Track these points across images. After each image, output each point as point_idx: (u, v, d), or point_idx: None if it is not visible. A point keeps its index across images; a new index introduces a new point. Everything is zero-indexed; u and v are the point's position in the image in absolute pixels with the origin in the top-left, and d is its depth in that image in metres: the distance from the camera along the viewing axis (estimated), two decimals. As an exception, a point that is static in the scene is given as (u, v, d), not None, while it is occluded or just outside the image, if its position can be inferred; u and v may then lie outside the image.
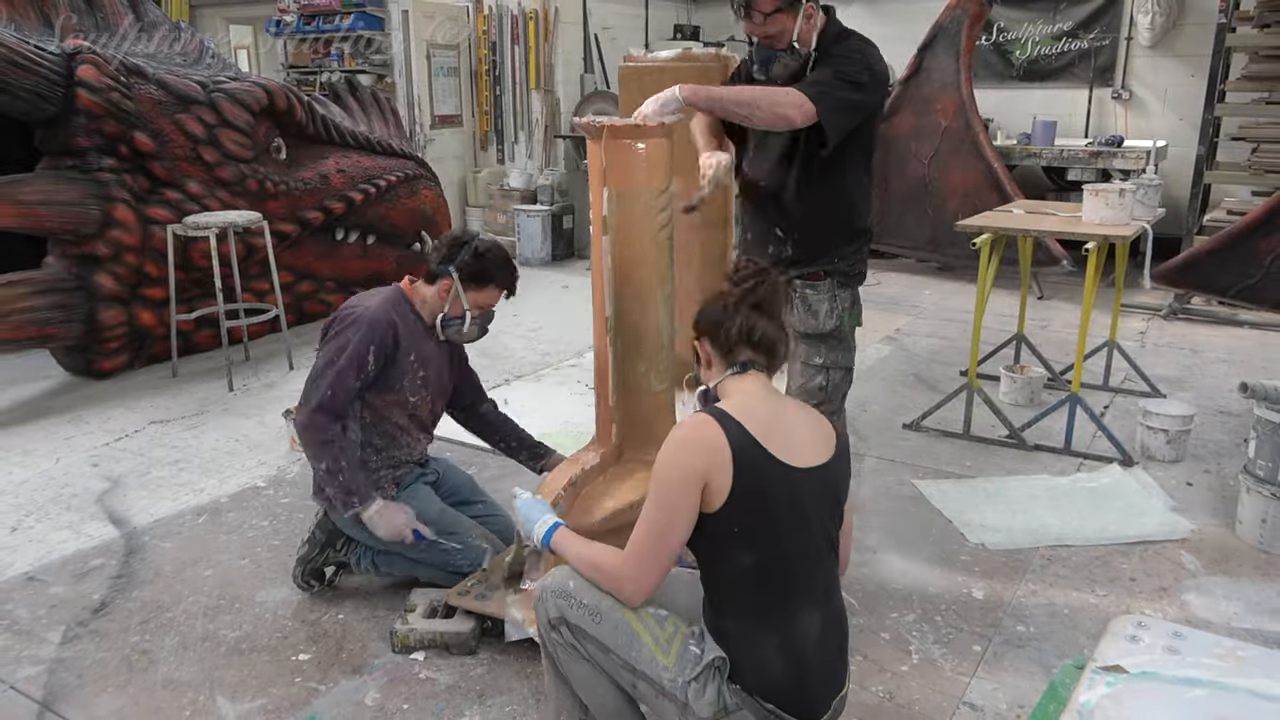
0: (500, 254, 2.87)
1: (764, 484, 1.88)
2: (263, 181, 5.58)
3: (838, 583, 2.04)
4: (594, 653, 2.00)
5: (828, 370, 2.91)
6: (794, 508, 1.91)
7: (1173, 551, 3.25)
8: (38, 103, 4.70)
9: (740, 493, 1.86)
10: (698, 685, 1.90)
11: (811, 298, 2.88)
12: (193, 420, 4.58)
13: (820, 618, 1.93)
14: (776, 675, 1.89)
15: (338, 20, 8.76)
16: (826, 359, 2.91)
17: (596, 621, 1.99)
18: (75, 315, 4.91)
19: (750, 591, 1.92)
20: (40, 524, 3.54)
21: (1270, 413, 3.19)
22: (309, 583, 3.00)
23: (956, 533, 3.38)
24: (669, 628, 1.97)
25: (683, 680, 1.90)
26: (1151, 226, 4.07)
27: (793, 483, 1.90)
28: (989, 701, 2.48)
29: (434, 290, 2.85)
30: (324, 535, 2.98)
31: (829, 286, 2.88)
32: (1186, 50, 7.86)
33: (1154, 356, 5.43)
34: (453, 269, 2.79)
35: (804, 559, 1.93)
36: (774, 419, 1.95)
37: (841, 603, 2.04)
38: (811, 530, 1.94)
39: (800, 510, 1.92)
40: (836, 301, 2.88)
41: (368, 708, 2.48)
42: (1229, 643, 1.98)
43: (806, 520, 1.93)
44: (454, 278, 2.79)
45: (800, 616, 1.91)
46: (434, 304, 2.86)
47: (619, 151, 2.51)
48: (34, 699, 2.53)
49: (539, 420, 4.47)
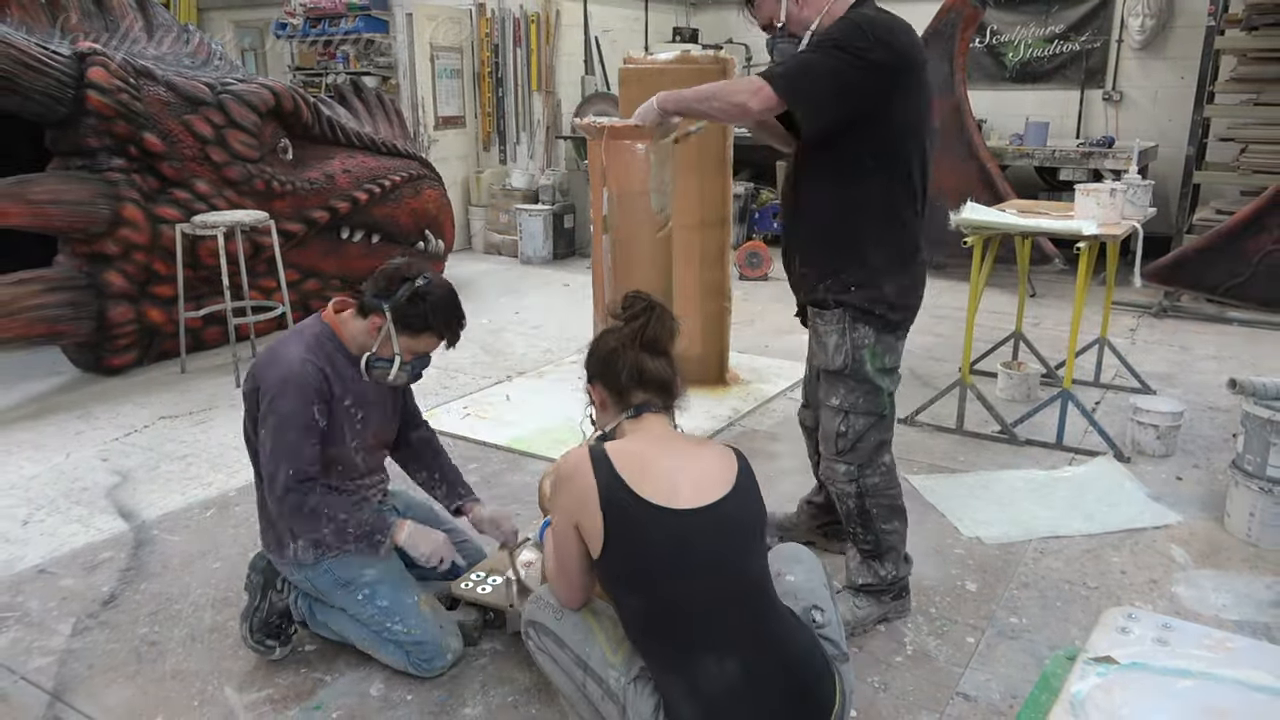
0: (444, 298, 2.46)
1: (635, 528, 1.79)
2: (269, 181, 5.57)
3: (786, 644, 1.87)
4: (552, 649, 1.98)
5: (846, 415, 2.59)
6: (676, 552, 1.79)
7: (1163, 545, 3.25)
8: (49, 104, 4.70)
9: (613, 537, 1.80)
10: (635, 688, 1.85)
11: (820, 328, 2.59)
12: (201, 416, 4.58)
13: (738, 665, 1.78)
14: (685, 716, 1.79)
15: (343, 23, 8.74)
16: (844, 401, 2.59)
17: (558, 619, 1.99)
18: (85, 312, 4.90)
19: (644, 636, 1.86)
20: (51, 518, 3.53)
21: (1258, 408, 3.18)
22: (264, 644, 2.58)
23: (950, 526, 3.38)
24: (621, 630, 1.94)
25: (626, 680, 1.87)
26: (1142, 226, 4.06)
27: (670, 527, 1.79)
28: (982, 692, 2.48)
29: (364, 325, 2.47)
30: (260, 578, 2.62)
31: (838, 318, 2.54)
32: (1176, 53, 7.85)
33: (1144, 353, 5.42)
34: (386, 307, 2.41)
35: (703, 600, 1.80)
36: (658, 460, 1.85)
37: (795, 643, 1.88)
38: (710, 572, 1.81)
39: (686, 554, 1.80)
40: (846, 337, 2.54)
41: (372, 698, 2.48)
42: (1218, 634, 1.98)
43: (702, 563, 1.81)
44: (386, 317, 2.42)
45: (705, 660, 1.78)
46: (363, 341, 2.48)
47: (619, 152, 2.50)
48: (45, 689, 2.52)
49: (540, 416, 4.48)
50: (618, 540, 1.80)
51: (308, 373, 2.41)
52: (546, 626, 2.00)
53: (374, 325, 2.45)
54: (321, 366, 2.45)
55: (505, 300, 6.95)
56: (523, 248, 8.35)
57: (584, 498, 1.81)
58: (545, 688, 2.48)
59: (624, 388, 1.95)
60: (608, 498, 1.79)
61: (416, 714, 2.41)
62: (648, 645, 1.86)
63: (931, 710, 2.40)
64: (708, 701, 1.78)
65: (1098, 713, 1.70)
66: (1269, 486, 3.18)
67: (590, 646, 1.94)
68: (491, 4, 8.57)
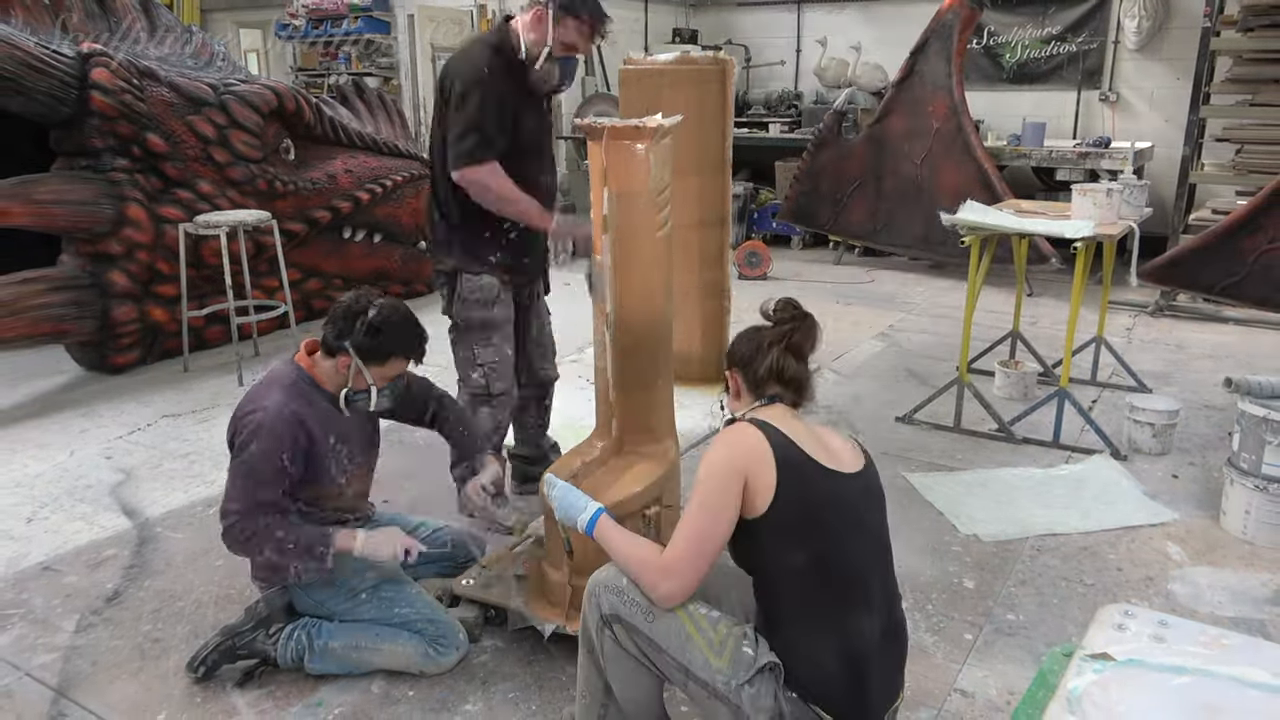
0: (398, 322, 2.49)
1: (808, 483, 1.88)
2: (272, 181, 5.57)
3: (898, 595, 2.03)
4: (646, 650, 1.94)
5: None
6: (843, 508, 1.91)
7: (1159, 542, 3.25)
8: (53, 104, 4.70)
9: (785, 490, 1.85)
10: (752, 689, 1.85)
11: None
12: (204, 414, 4.57)
13: (879, 625, 1.91)
14: (833, 678, 1.85)
15: (345, 24, 8.74)
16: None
17: (650, 620, 1.93)
18: (89, 311, 4.90)
19: (805, 592, 1.88)
20: (55, 515, 3.53)
21: (1254, 407, 3.18)
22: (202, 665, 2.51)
23: (948, 524, 3.38)
24: (721, 630, 1.91)
25: (736, 683, 1.85)
26: (1138, 225, 4.06)
27: (838, 485, 1.91)
28: (980, 688, 2.48)
29: (333, 365, 2.50)
30: (267, 610, 2.57)
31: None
32: (1172, 54, 7.84)
33: (1141, 352, 5.42)
34: (348, 345, 2.44)
35: (860, 560, 1.91)
36: (807, 434, 1.97)
37: (903, 615, 2.03)
38: (865, 534, 1.94)
39: (851, 512, 1.92)
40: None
41: (374, 694, 2.47)
42: (1214, 631, 1.97)
43: (859, 523, 1.93)
44: (351, 355, 2.46)
45: (858, 619, 1.88)
46: (336, 380, 2.52)
47: (619, 152, 2.49)
48: (49, 686, 2.52)
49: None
50: (789, 493, 1.85)
51: (283, 420, 2.42)
52: (637, 628, 1.94)
53: (342, 364, 2.49)
54: (299, 412, 2.45)
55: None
56: (523, 247, 8.33)
57: (757, 453, 1.87)
58: (546, 684, 2.48)
59: (762, 380, 2.04)
60: (782, 454, 1.87)
61: (418, 711, 2.41)
62: (809, 601, 1.89)
63: (929, 706, 2.40)
64: (858, 660, 1.86)
65: (1094, 709, 1.70)
66: (1264, 484, 3.18)
67: (691, 652, 1.90)
68: (492, 5, 8.56)
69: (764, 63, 9.70)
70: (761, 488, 1.85)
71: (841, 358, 5.39)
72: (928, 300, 6.81)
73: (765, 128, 8.96)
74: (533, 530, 2.94)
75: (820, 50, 8.74)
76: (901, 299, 6.86)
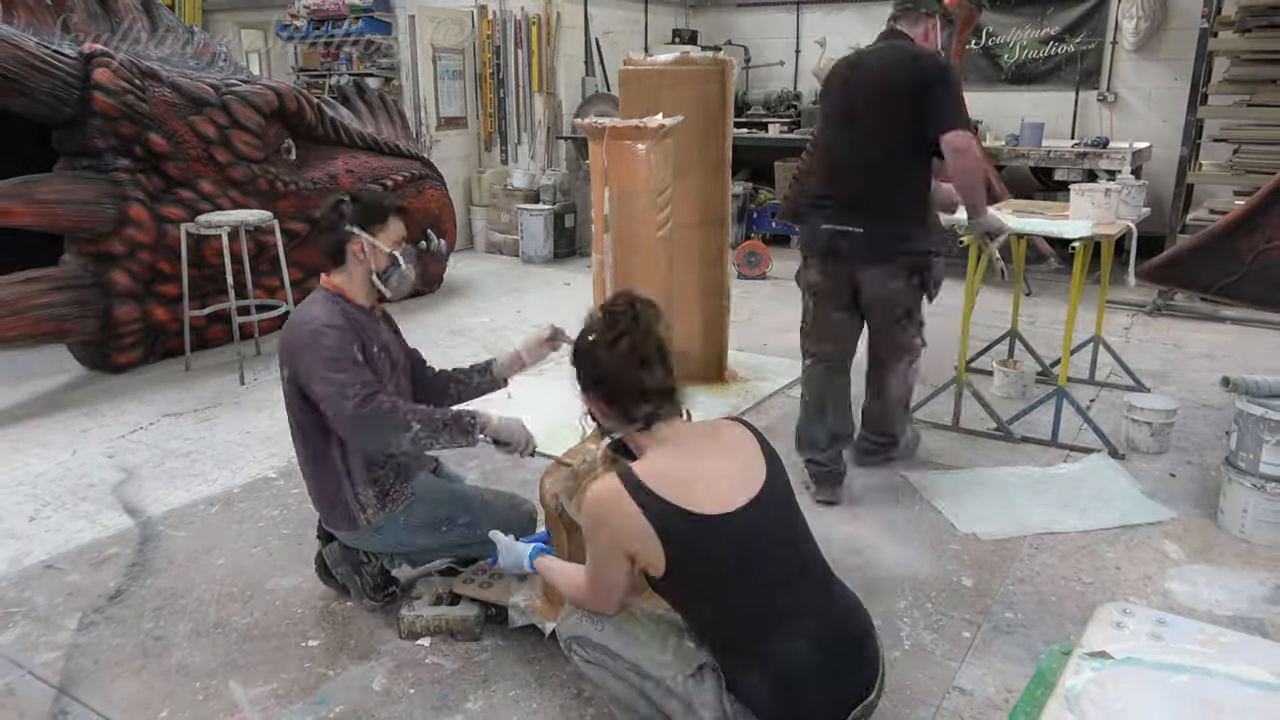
0: (371, 194, 2.64)
1: (699, 547, 1.79)
2: (273, 181, 5.57)
3: (830, 593, 1.94)
4: (604, 660, 1.96)
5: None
6: (742, 553, 1.80)
7: (1157, 541, 3.25)
8: (55, 105, 4.69)
9: (677, 562, 1.79)
10: (697, 684, 1.86)
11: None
12: (205, 413, 4.57)
13: (808, 641, 1.83)
14: (765, 704, 1.82)
15: (346, 24, 8.73)
16: None
17: (600, 630, 1.96)
18: (91, 311, 4.90)
19: (720, 636, 1.86)
20: (57, 514, 3.53)
21: (1251, 406, 3.18)
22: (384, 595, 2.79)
23: (946, 522, 3.38)
24: (664, 627, 1.95)
25: (683, 676, 1.87)
26: (1136, 225, 4.06)
27: (731, 532, 1.79)
28: (978, 686, 2.47)
29: (349, 261, 2.58)
30: (347, 565, 2.77)
31: None
32: (1170, 54, 7.83)
33: (1138, 351, 5.42)
34: (348, 226, 2.53)
35: (771, 589, 1.83)
36: (692, 470, 1.83)
37: (847, 612, 1.94)
38: (771, 560, 1.85)
39: (750, 552, 1.81)
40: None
41: (375, 692, 2.47)
42: (1211, 629, 1.97)
43: (761, 553, 1.83)
44: (358, 233, 2.54)
45: (783, 643, 1.82)
46: (360, 275, 2.59)
47: (620, 152, 2.50)
48: (51, 684, 2.52)
49: (542, 414, 4.46)
50: (682, 561, 1.78)
51: (335, 321, 2.50)
52: (591, 640, 1.97)
53: (355, 249, 2.55)
54: (342, 320, 2.52)
55: (507, 299, 6.95)
56: (524, 247, 8.34)
57: (634, 529, 1.77)
58: (546, 682, 2.48)
59: (625, 403, 1.90)
60: (661, 524, 1.76)
61: (419, 708, 2.41)
62: (725, 648, 1.86)
63: (928, 704, 2.40)
64: (791, 681, 1.81)
65: (1092, 707, 1.70)
66: (1262, 483, 3.18)
67: (638, 650, 1.92)
68: (493, 6, 8.56)
69: (763, 63, 9.69)
70: (652, 558, 1.80)
71: (840, 357, 5.38)
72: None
73: (764, 128, 8.95)
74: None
75: (819, 51, 8.73)
76: (900, 298, 6.85)
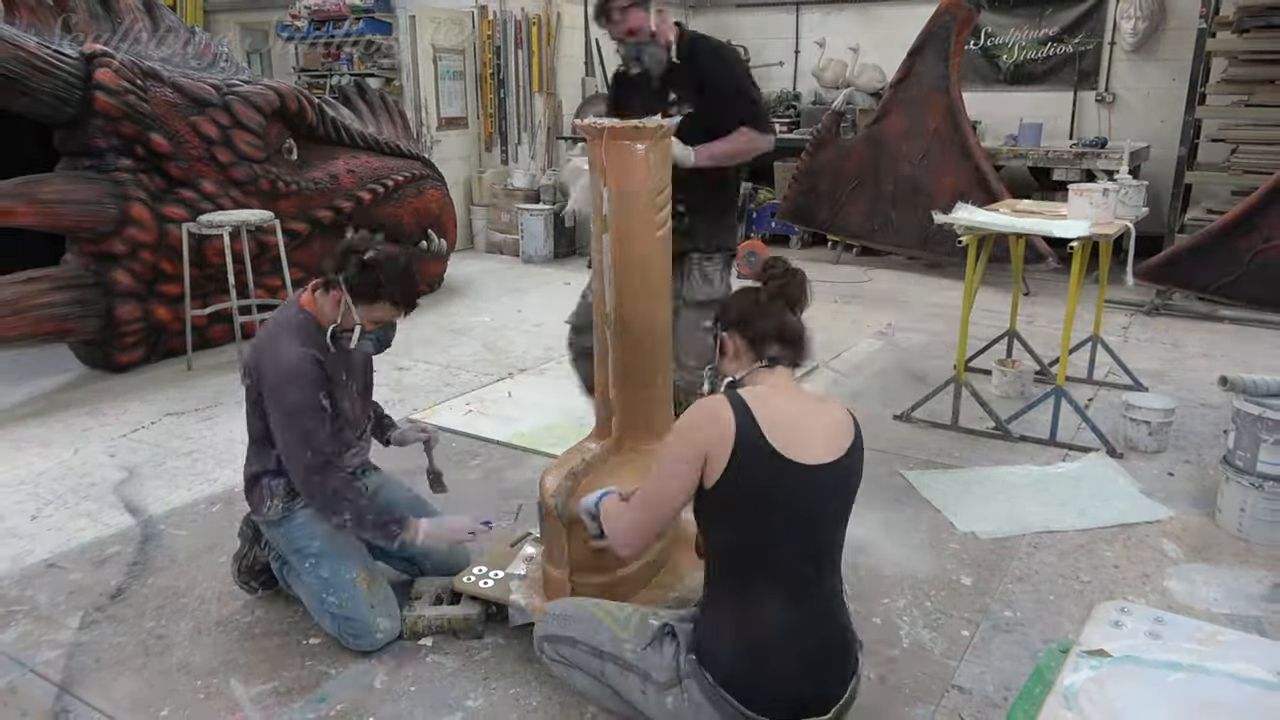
0: (396, 266, 2.51)
1: (756, 471, 1.87)
2: (275, 181, 5.56)
3: (835, 600, 1.98)
4: (567, 653, 2.04)
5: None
6: (786, 501, 1.89)
7: (1155, 539, 3.24)
8: (57, 105, 4.69)
9: (733, 472, 1.86)
10: (654, 648, 1.94)
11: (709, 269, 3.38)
12: (207, 412, 4.57)
13: (793, 620, 1.88)
14: (725, 658, 1.89)
15: (347, 25, 8.72)
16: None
17: (564, 625, 2.06)
18: (93, 311, 4.90)
19: (723, 570, 1.95)
20: (59, 513, 3.53)
21: (1249, 405, 3.18)
22: (248, 584, 2.86)
23: (945, 521, 3.37)
24: (628, 610, 2.04)
25: (639, 647, 1.95)
26: (1134, 225, 4.06)
27: (791, 478, 1.88)
28: (977, 684, 2.47)
29: (329, 300, 2.55)
30: (251, 529, 2.84)
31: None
32: (1168, 54, 7.83)
33: (1136, 351, 5.42)
34: (341, 280, 2.49)
35: (783, 551, 1.90)
36: (789, 413, 1.94)
37: (839, 623, 1.97)
38: (808, 529, 1.92)
39: (793, 505, 1.89)
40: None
41: (376, 690, 2.47)
42: (1209, 628, 1.98)
43: (805, 517, 1.91)
44: (342, 290, 2.50)
45: (763, 607, 1.88)
46: (330, 315, 2.56)
47: (619, 152, 2.49)
48: (53, 682, 2.52)
49: (543, 412, 4.48)
50: (735, 475, 1.87)
51: (307, 363, 2.49)
52: (557, 635, 2.05)
53: (334, 299, 2.54)
54: (317, 356, 2.52)
55: (507, 299, 6.94)
56: (524, 247, 8.34)
57: (720, 434, 1.87)
58: (547, 680, 2.48)
59: (762, 340, 2.01)
60: (742, 439, 1.86)
61: (420, 706, 2.41)
62: (725, 577, 1.95)
63: (927, 702, 2.40)
64: (759, 641, 1.87)
65: (1091, 705, 1.70)
66: (1259, 482, 3.18)
67: (599, 632, 2.00)
68: (493, 6, 8.56)
69: (763, 64, 9.69)
70: (716, 464, 1.88)
71: (840, 356, 5.39)
72: (925, 299, 6.81)
73: (764, 128, 8.96)
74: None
75: (819, 51, 8.74)
76: (899, 298, 6.86)
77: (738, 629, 1.90)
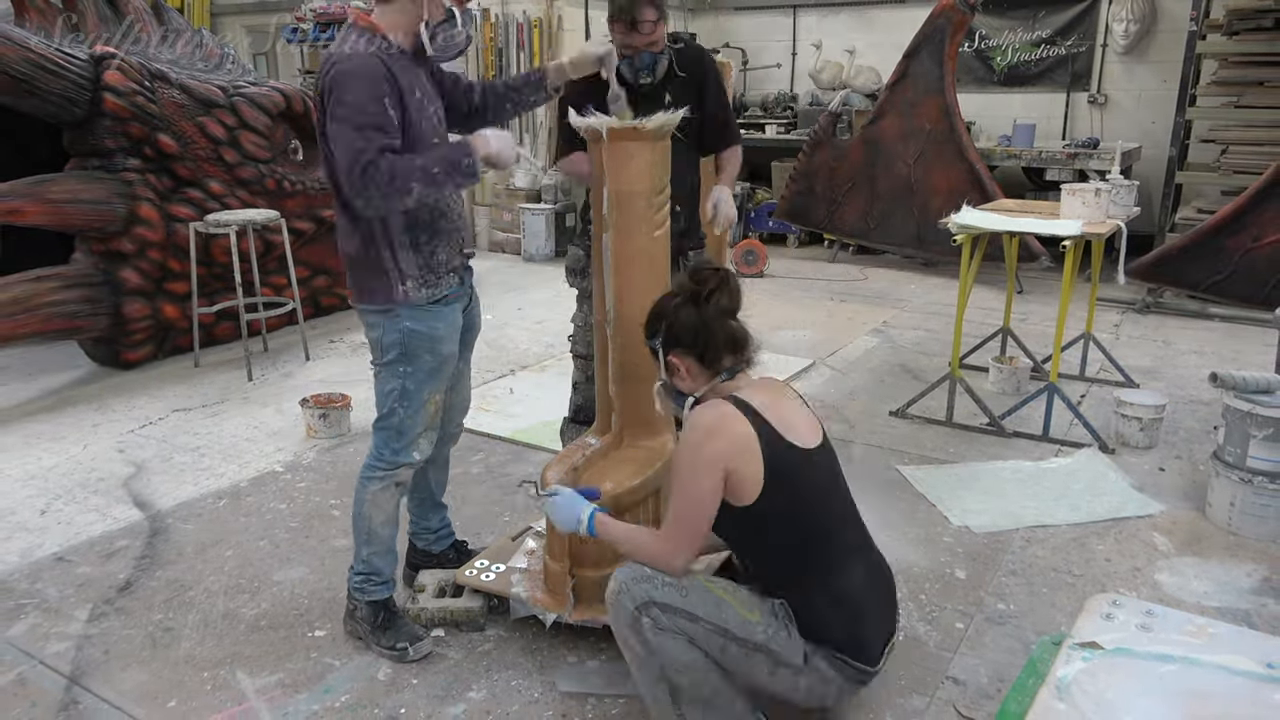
0: None
1: (792, 472, 1.92)
2: (280, 181, 5.56)
3: (870, 540, 2.13)
4: (684, 625, 1.93)
5: None
6: (819, 485, 1.99)
7: (1146, 533, 3.24)
8: (66, 106, 4.68)
9: (773, 484, 1.88)
10: (785, 634, 1.94)
11: None
12: (214, 409, 4.57)
13: (862, 568, 2.02)
14: (837, 630, 1.96)
15: (351, 27, 8.71)
16: None
17: (684, 595, 1.95)
18: (102, 308, 4.89)
19: (799, 561, 1.98)
20: (68, 507, 3.53)
21: (1239, 401, 3.17)
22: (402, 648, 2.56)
23: (939, 515, 3.37)
24: (743, 593, 1.99)
25: (773, 631, 1.94)
26: (1126, 224, 4.05)
27: (812, 464, 1.97)
28: (971, 676, 2.47)
29: (396, 4, 2.26)
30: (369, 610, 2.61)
31: None
32: (1159, 56, 7.82)
33: (1128, 348, 5.41)
34: None
35: (839, 521, 2.02)
36: (779, 408, 1.98)
37: (879, 552, 2.13)
38: (836, 495, 2.04)
39: (830, 486, 2.02)
40: None
41: (380, 682, 2.47)
42: (1200, 620, 1.97)
43: (831, 489, 2.03)
44: None
45: (846, 571, 1.99)
46: (408, 18, 2.27)
47: (619, 152, 2.48)
48: (62, 674, 2.52)
49: (542, 409, 4.47)
50: (777, 485, 1.89)
51: (367, 62, 2.20)
52: (673, 605, 1.93)
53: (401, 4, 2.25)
54: (379, 56, 2.23)
55: (509, 297, 6.94)
56: (525, 246, 8.34)
57: (744, 446, 1.87)
58: (548, 671, 2.48)
59: (715, 357, 2.02)
60: (768, 444, 1.88)
61: (423, 698, 2.41)
62: (790, 581, 1.98)
63: (922, 694, 2.40)
64: (853, 603, 1.99)
65: (1083, 696, 1.70)
66: (1249, 477, 3.17)
67: (726, 613, 1.93)
68: (495, 8, 8.54)
69: (761, 65, 9.68)
70: (748, 480, 1.87)
71: (836, 353, 5.38)
72: (920, 297, 6.80)
73: (762, 129, 8.94)
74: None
75: (815, 53, 8.72)
76: (895, 296, 6.85)
77: (832, 602, 1.96)
